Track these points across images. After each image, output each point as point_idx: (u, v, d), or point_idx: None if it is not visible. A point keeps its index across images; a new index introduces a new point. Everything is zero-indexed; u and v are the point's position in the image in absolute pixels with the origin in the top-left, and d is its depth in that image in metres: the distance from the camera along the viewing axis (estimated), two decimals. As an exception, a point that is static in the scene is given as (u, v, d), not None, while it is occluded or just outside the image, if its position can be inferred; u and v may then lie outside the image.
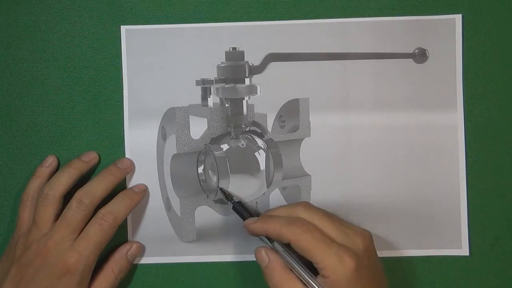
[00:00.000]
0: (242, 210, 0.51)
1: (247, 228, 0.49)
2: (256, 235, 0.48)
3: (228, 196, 0.52)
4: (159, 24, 0.54)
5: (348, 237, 0.46)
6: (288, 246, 0.47)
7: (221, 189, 0.52)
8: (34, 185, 0.52)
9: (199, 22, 0.54)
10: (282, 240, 0.46)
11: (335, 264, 0.44)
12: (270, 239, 0.48)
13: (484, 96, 0.54)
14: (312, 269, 0.46)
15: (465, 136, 0.54)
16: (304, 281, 0.45)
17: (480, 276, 0.54)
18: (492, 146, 0.54)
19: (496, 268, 0.54)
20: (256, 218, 0.49)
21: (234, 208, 0.51)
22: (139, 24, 0.54)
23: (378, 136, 0.54)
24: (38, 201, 0.50)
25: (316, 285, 0.45)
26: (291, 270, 0.46)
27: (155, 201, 0.54)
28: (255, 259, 0.53)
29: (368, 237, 0.47)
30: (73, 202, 0.49)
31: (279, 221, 0.47)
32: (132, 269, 0.54)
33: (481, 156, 0.54)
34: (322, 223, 0.47)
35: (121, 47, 0.54)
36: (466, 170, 0.54)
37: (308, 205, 0.49)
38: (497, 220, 0.54)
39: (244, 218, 0.50)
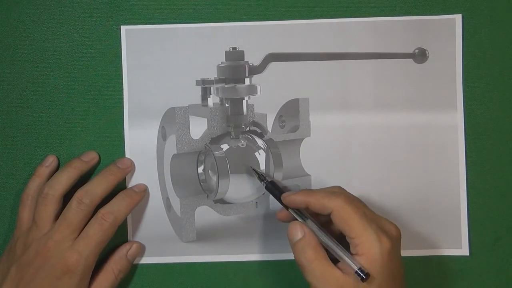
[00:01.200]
0: (276, 189, 0.51)
1: (287, 199, 0.48)
2: (295, 206, 0.48)
3: (261, 176, 0.52)
4: (159, 24, 0.54)
5: (383, 223, 0.46)
6: (321, 225, 0.47)
7: (254, 169, 0.52)
8: (34, 184, 0.52)
9: (199, 22, 0.54)
10: (324, 210, 0.46)
11: (373, 241, 0.44)
12: (303, 217, 0.47)
13: (484, 96, 0.54)
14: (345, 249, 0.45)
15: (465, 136, 0.54)
16: (338, 258, 0.45)
17: (480, 276, 0.54)
18: (492, 146, 0.54)
19: (496, 268, 0.54)
20: (293, 191, 0.49)
21: (268, 188, 0.51)
22: (139, 24, 0.54)
23: (378, 136, 0.54)
24: (38, 201, 0.50)
25: (351, 261, 0.44)
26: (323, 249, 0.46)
27: (155, 201, 0.54)
28: (255, 259, 0.54)
29: (399, 231, 0.47)
30: (73, 202, 0.49)
31: (322, 192, 0.47)
32: (132, 269, 0.54)
33: (481, 156, 0.54)
34: (359, 203, 0.47)
35: (121, 47, 0.54)
36: (466, 170, 0.54)
37: (343, 188, 0.49)
38: (497, 220, 0.54)
39: (279, 195, 0.50)
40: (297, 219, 0.48)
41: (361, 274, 0.43)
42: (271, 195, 0.54)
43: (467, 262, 0.54)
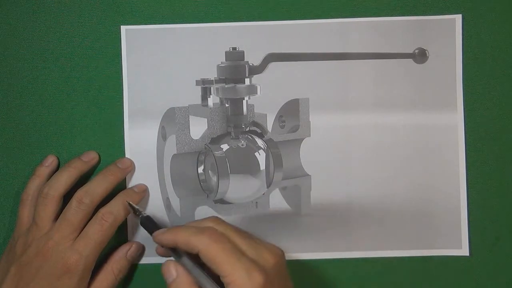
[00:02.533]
0: (151, 225, 0.49)
1: (156, 239, 0.47)
2: (165, 246, 0.47)
3: (136, 211, 0.50)
4: (159, 24, 0.54)
5: (258, 252, 0.45)
6: (198, 262, 0.45)
7: (129, 204, 0.50)
8: (34, 184, 0.52)
9: (199, 22, 0.54)
10: (190, 249, 0.45)
11: (243, 278, 0.43)
12: (178, 254, 0.46)
13: (484, 96, 0.54)
14: (221, 286, 0.44)
15: (465, 136, 0.54)
16: None
17: (480, 276, 0.54)
18: (492, 146, 0.54)
19: (496, 268, 0.54)
20: (165, 229, 0.47)
21: (142, 223, 0.49)
22: (139, 24, 0.54)
23: (378, 136, 0.54)
24: (38, 201, 0.50)
25: None
26: (199, 287, 0.45)
27: (155, 201, 0.54)
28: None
29: (279, 254, 0.46)
30: (73, 202, 0.49)
31: (189, 229, 0.46)
32: (132, 269, 0.54)
33: (481, 156, 0.54)
34: (233, 235, 0.46)
35: (121, 47, 0.54)
36: (466, 170, 0.54)
37: (218, 219, 0.48)
38: (497, 220, 0.54)
39: (152, 232, 0.48)
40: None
41: None
42: (270, 195, 0.54)
43: (467, 262, 0.54)
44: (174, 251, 0.47)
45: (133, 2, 0.54)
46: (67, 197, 0.50)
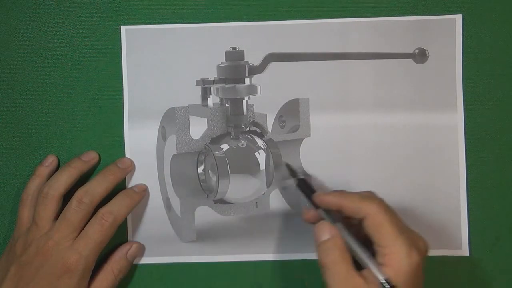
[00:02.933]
0: (307, 187, 0.50)
1: (319, 198, 0.47)
2: (326, 207, 0.47)
3: (293, 172, 0.51)
4: (159, 24, 0.54)
5: (414, 236, 0.45)
6: (346, 228, 0.45)
7: (287, 165, 0.52)
8: (34, 184, 0.52)
9: (199, 22, 0.54)
10: (356, 213, 0.45)
11: (403, 254, 0.43)
12: (333, 219, 0.46)
13: (484, 96, 0.54)
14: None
15: (465, 136, 0.54)
16: (363, 265, 0.44)
17: (480, 276, 0.54)
18: (492, 146, 0.54)
19: (496, 268, 0.54)
20: (327, 192, 0.48)
21: (299, 185, 0.50)
22: (139, 24, 0.54)
23: (378, 136, 0.54)
24: (38, 201, 0.50)
25: (378, 271, 0.43)
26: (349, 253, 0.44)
27: (155, 201, 0.54)
28: (254, 259, 0.54)
29: (427, 245, 0.46)
30: (73, 202, 0.49)
31: (358, 195, 0.46)
32: (132, 269, 0.54)
33: (481, 156, 0.54)
34: (393, 212, 0.45)
35: (121, 47, 0.54)
36: (466, 170, 0.54)
37: (375, 194, 0.47)
38: (497, 220, 0.54)
39: (310, 193, 0.48)
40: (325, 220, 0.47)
41: (387, 286, 0.42)
42: (270, 195, 0.54)
43: (467, 262, 0.54)
44: (329, 216, 0.47)
45: (133, 2, 0.54)
46: (67, 197, 0.50)
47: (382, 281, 0.42)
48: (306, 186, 0.50)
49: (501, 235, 0.54)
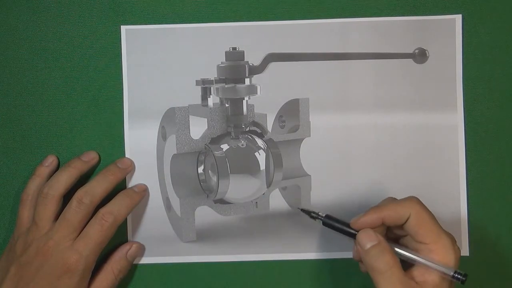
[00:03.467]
0: (335, 221, 0.48)
1: (358, 224, 0.46)
2: (369, 226, 0.46)
3: (313, 214, 0.49)
4: (159, 24, 0.54)
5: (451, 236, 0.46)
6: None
7: (304, 210, 0.49)
8: (34, 184, 0.52)
9: (199, 22, 0.54)
10: (400, 218, 0.45)
11: (450, 248, 0.44)
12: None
13: (484, 97, 0.54)
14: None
15: (465, 136, 0.54)
16: (421, 265, 0.44)
17: (480, 276, 0.54)
18: (492, 146, 0.54)
19: (496, 268, 0.54)
20: (358, 215, 0.47)
21: (326, 223, 0.48)
22: (139, 24, 0.54)
23: (378, 136, 0.54)
24: (38, 201, 0.50)
25: (442, 267, 0.43)
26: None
27: (155, 201, 0.54)
28: (254, 260, 0.54)
29: (458, 247, 0.46)
30: (74, 202, 0.49)
31: (394, 202, 0.46)
32: (132, 269, 0.54)
33: (481, 156, 0.54)
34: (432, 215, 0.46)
35: (121, 47, 0.54)
36: (466, 170, 0.54)
37: (418, 199, 0.47)
38: (497, 220, 0.54)
39: (341, 227, 0.47)
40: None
41: (460, 277, 0.43)
42: (270, 195, 0.54)
43: (467, 262, 0.53)
44: None
45: (133, 2, 0.54)
46: (67, 197, 0.50)
47: (453, 274, 0.43)
48: (333, 221, 0.48)
49: (501, 235, 0.54)
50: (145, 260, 0.54)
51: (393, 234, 0.48)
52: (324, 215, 0.49)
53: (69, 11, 0.54)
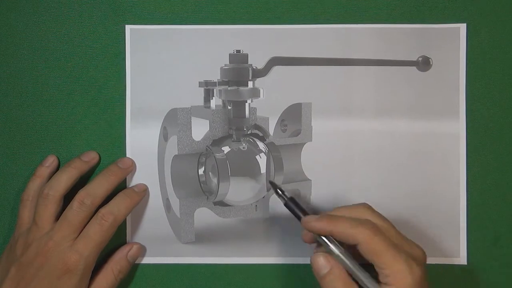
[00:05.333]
0: (296, 207, 0.47)
1: (308, 225, 0.45)
2: (317, 233, 0.45)
3: (279, 191, 0.48)
4: (164, 24, 0.53)
5: (411, 247, 0.45)
6: (345, 251, 0.44)
7: (272, 183, 0.49)
8: (34, 185, 0.52)
9: (203, 24, 0.53)
10: (349, 241, 0.43)
11: (405, 271, 0.42)
12: (330, 240, 0.45)
13: (486, 105, 0.54)
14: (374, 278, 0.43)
15: (466, 144, 0.54)
16: None
17: (477, 285, 0.54)
18: (493, 155, 0.54)
19: (493, 277, 0.54)
20: (316, 216, 0.45)
21: (287, 205, 0.47)
22: (144, 24, 0.53)
23: (380, 143, 0.54)
24: (39, 201, 0.50)
25: None
26: (351, 277, 0.44)
27: (155, 202, 0.54)
28: (253, 262, 0.54)
29: (424, 252, 0.45)
30: (75, 203, 0.49)
31: (347, 221, 0.44)
32: (132, 269, 0.54)
33: (482, 164, 0.54)
34: (387, 228, 0.45)
35: (125, 47, 0.53)
36: (467, 179, 0.54)
37: (371, 208, 0.46)
38: (496, 230, 0.54)
39: (299, 216, 0.46)
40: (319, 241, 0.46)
41: None
42: (270, 199, 0.55)
43: (465, 271, 0.54)
44: (324, 239, 0.45)
45: (139, 2, 0.53)
46: (67, 197, 0.50)
47: None
48: (295, 206, 0.47)
49: (499, 245, 0.54)
50: (143, 260, 0.54)
51: None
52: (289, 196, 0.48)
53: (69, 11, 0.54)
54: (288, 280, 0.55)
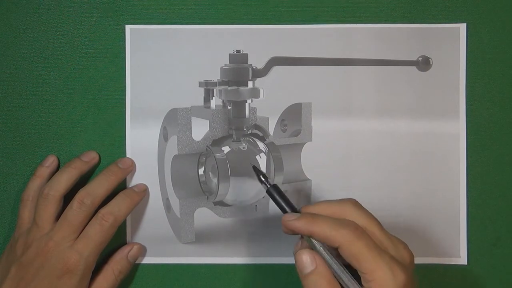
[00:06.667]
0: (279, 197, 0.45)
1: (287, 224, 0.43)
2: (297, 233, 0.43)
3: (262, 178, 0.46)
4: (164, 24, 0.53)
5: (397, 249, 0.43)
6: (328, 249, 0.42)
7: (255, 168, 0.46)
8: (34, 185, 0.52)
9: (203, 24, 0.53)
10: (330, 243, 0.42)
11: (387, 277, 0.40)
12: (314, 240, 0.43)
13: (486, 105, 0.54)
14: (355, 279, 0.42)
15: (466, 144, 0.54)
16: None
17: (477, 285, 0.54)
18: (494, 156, 0.54)
19: (494, 277, 0.54)
20: (297, 214, 0.43)
21: (269, 193, 0.45)
22: (144, 24, 0.53)
23: (380, 143, 0.54)
24: (39, 201, 0.50)
25: None
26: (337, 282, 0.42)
27: (155, 202, 0.54)
28: (253, 262, 0.54)
29: (411, 252, 0.43)
30: (75, 203, 0.49)
31: (328, 222, 0.42)
32: (133, 269, 0.54)
33: (483, 165, 0.54)
34: (372, 228, 0.43)
35: (125, 47, 0.53)
36: (467, 179, 0.54)
37: (357, 205, 0.44)
38: (496, 230, 0.54)
39: (282, 209, 0.45)
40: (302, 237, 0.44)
41: None
42: (269, 199, 0.54)
43: (465, 271, 0.54)
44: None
45: (139, 2, 0.53)
46: (67, 197, 0.50)
47: None
48: (277, 194, 0.45)
49: (499, 245, 0.54)
50: (144, 260, 0.54)
51: None
52: (272, 183, 0.45)
53: (69, 11, 0.53)
54: (288, 280, 0.55)
